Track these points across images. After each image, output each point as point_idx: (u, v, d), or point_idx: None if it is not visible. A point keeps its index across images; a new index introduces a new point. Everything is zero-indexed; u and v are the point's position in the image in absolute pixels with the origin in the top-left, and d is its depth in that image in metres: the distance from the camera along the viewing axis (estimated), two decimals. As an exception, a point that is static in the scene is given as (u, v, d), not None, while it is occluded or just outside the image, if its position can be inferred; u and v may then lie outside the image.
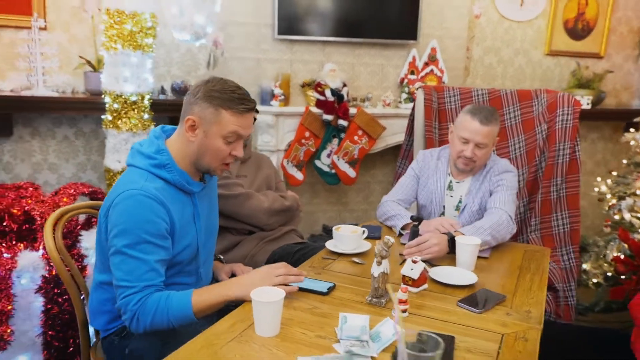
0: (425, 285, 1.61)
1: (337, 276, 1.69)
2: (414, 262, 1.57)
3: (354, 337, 1.26)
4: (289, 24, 3.44)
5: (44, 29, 3.06)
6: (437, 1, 3.71)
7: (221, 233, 2.20)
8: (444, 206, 2.27)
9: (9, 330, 1.98)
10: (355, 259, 1.83)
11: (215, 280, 1.83)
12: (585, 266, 3.14)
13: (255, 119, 2.23)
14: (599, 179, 3.33)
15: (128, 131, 2.71)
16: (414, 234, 1.90)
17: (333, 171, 3.64)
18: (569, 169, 2.67)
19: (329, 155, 3.63)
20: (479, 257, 1.88)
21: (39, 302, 2.08)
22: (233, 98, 1.49)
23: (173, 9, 2.32)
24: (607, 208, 3.15)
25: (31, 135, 3.20)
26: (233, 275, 1.85)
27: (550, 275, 2.52)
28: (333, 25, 3.53)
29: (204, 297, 1.45)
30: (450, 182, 2.26)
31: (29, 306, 2.06)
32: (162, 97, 3.23)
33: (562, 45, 4.14)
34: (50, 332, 2.10)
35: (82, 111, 3.13)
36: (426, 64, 3.68)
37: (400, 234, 2.12)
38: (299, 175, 3.56)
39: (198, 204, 1.60)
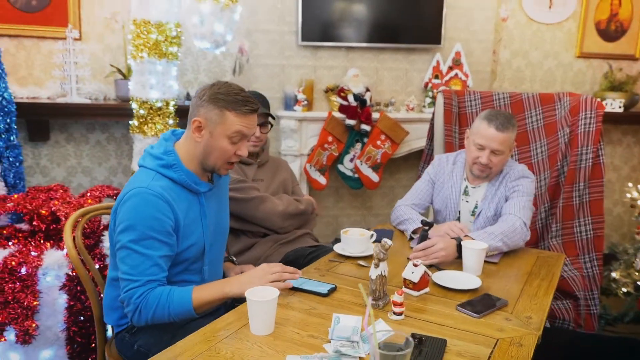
0: (427, 289, 1.61)
1: (340, 278, 1.71)
2: (415, 265, 1.58)
3: (345, 337, 1.28)
4: (313, 31, 3.49)
5: (79, 39, 3.22)
6: (462, 5, 3.68)
7: (236, 235, 2.26)
8: (459, 211, 2.26)
9: (33, 325, 2.10)
10: (361, 262, 1.85)
11: (225, 280, 1.88)
12: (614, 274, 3.03)
13: (272, 125, 2.31)
14: (630, 184, 3.21)
15: (153, 136, 2.82)
16: (423, 238, 1.90)
17: (356, 175, 3.66)
18: (592, 173, 2.60)
19: (352, 160, 3.65)
20: (488, 262, 1.86)
21: (62, 299, 2.18)
22: (237, 100, 1.55)
23: (194, 19, 2.41)
24: (637, 214, 3.03)
25: (66, 140, 3.36)
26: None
27: (570, 283, 2.47)
28: (357, 31, 3.56)
29: (203, 293, 1.50)
30: (466, 187, 2.24)
31: (54, 302, 2.17)
32: (187, 102, 3.34)
33: (594, 47, 4.03)
34: (73, 328, 2.20)
35: (113, 117, 3.27)
36: (450, 68, 3.66)
37: (412, 238, 2.13)
38: (322, 180, 3.60)
39: (205, 203, 1.66)
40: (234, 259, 2.06)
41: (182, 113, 2.97)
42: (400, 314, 1.42)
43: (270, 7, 3.45)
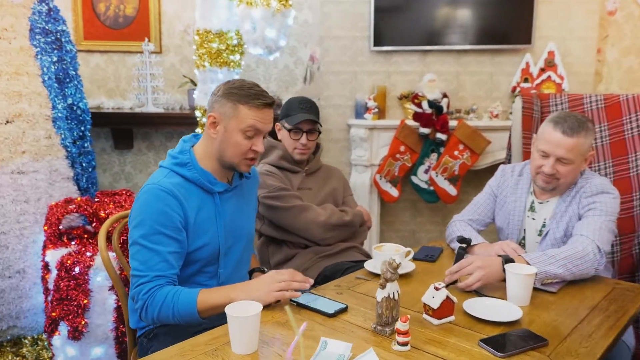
0: (452, 317, 1.38)
1: (359, 298, 1.54)
2: (437, 289, 1.36)
3: (325, 366, 1.12)
4: (386, 35, 3.33)
5: (159, 52, 3.39)
6: (558, -1, 3.29)
7: (279, 245, 2.18)
8: (524, 230, 1.96)
9: (83, 322, 2.19)
10: (388, 281, 1.65)
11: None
12: None
13: (320, 133, 2.21)
14: None
15: (216, 144, 2.85)
16: (459, 257, 1.66)
17: (431, 188, 3.41)
18: None
19: (426, 171, 3.40)
20: (544, 290, 1.58)
21: (112, 299, 2.25)
22: (250, 94, 1.53)
23: (246, 25, 2.39)
24: None
25: (147, 148, 3.55)
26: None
27: (671, 323, 2.02)
28: (434, 33, 3.33)
29: (209, 296, 1.44)
30: (533, 202, 1.94)
31: (104, 302, 2.25)
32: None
33: None
34: (121, 329, 2.27)
35: (187, 126, 3.38)
36: (542, 70, 3.27)
37: (461, 258, 1.87)
38: (393, 192, 3.40)
39: (220, 203, 1.61)
40: (265, 269, 1.96)
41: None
42: (404, 344, 1.22)
43: (341, 13, 3.36)
